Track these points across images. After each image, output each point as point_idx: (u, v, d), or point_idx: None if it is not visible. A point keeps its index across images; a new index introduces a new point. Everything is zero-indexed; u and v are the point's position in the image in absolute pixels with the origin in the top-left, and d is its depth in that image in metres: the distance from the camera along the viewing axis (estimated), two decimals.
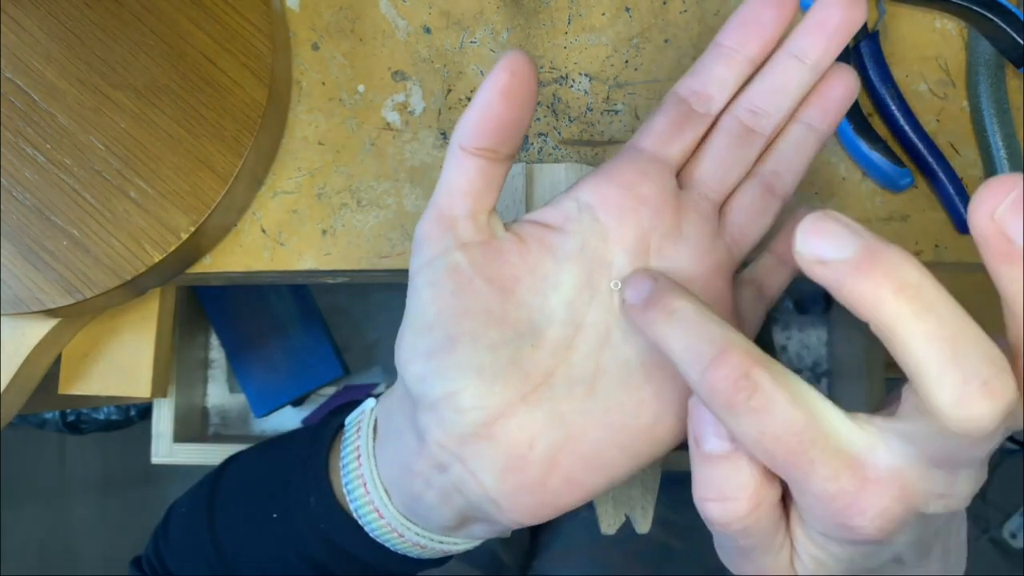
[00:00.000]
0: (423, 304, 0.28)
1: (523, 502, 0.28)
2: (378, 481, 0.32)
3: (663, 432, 0.28)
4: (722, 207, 0.30)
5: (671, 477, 0.47)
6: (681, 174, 0.30)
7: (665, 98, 0.30)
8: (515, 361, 0.28)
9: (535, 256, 0.29)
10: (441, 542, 0.32)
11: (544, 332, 0.28)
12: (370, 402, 0.34)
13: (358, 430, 0.33)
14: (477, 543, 0.34)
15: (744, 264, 0.32)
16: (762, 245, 0.32)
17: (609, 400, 0.28)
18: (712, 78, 0.29)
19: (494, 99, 0.27)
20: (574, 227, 0.29)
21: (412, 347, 0.28)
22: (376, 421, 0.33)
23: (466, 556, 0.66)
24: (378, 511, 0.32)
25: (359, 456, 0.32)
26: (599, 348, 0.28)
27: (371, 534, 0.32)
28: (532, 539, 0.72)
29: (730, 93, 0.30)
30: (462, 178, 0.28)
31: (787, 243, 0.32)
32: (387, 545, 0.33)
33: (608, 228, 0.29)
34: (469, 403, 0.27)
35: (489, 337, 0.27)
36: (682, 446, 0.27)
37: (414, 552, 0.33)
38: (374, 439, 0.32)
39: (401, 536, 0.32)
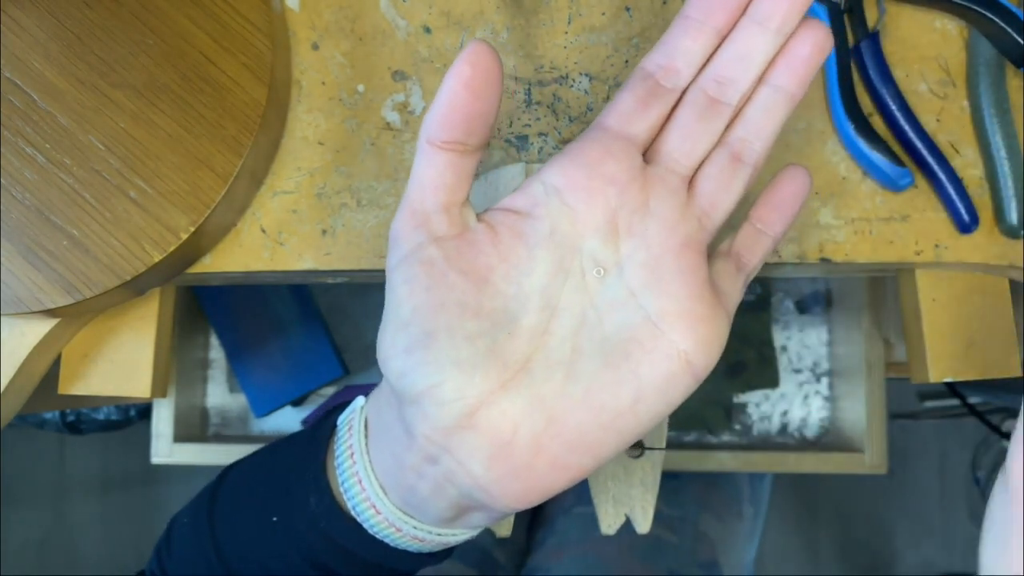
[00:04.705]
0: (399, 300, 0.29)
1: (512, 487, 0.28)
2: (373, 478, 0.32)
3: (645, 409, 0.28)
4: (691, 179, 0.30)
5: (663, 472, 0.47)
6: (648, 150, 0.30)
7: (632, 74, 0.30)
8: (493, 350, 0.28)
9: (507, 244, 0.29)
10: (439, 534, 0.32)
11: (520, 319, 0.28)
12: (360, 400, 0.34)
13: (350, 429, 0.33)
14: (477, 532, 0.34)
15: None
16: (740, 215, 0.32)
17: (588, 381, 0.28)
18: (679, 51, 0.29)
19: (458, 92, 0.27)
20: (543, 211, 0.29)
21: (391, 344, 0.29)
22: (367, 418, 0.33)
23: (459, 555, 0.66)
24: (375, 507, 0.32)
25: (352, 454, 0.32)
26: (575, 331, 0.29)
27: (370, 531, 0.32)
28: (527, 537, 0.72)
29: (697, 66, 0.30)
30: (432, 172, 0.28)
31: (766, 209, 0.32)
32: (386, 541, 0.33)
33: (576, 210, 0.29)
34: (450, 395, 0.27)
35: (466, 329, 0.28)
36: (680, 445, 0.27)
37: (414, 546, 0.33)
38: (366, 436, 0.33)
39: (399, 530, 0.32)
